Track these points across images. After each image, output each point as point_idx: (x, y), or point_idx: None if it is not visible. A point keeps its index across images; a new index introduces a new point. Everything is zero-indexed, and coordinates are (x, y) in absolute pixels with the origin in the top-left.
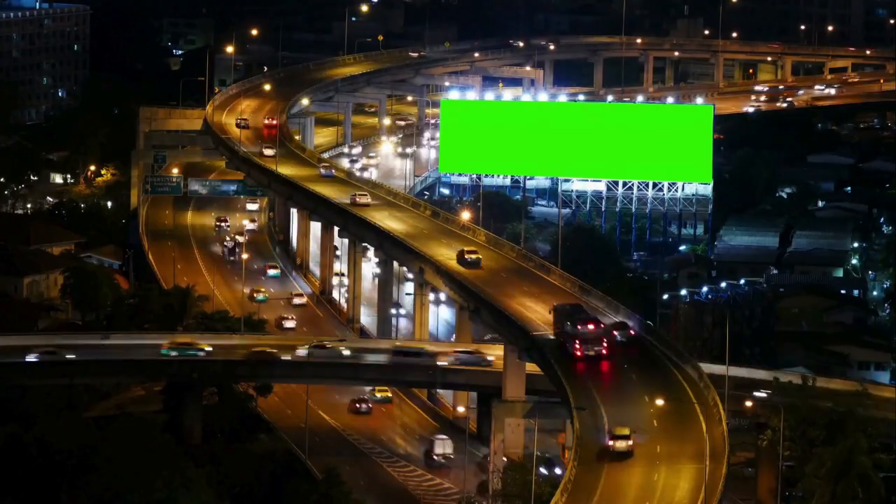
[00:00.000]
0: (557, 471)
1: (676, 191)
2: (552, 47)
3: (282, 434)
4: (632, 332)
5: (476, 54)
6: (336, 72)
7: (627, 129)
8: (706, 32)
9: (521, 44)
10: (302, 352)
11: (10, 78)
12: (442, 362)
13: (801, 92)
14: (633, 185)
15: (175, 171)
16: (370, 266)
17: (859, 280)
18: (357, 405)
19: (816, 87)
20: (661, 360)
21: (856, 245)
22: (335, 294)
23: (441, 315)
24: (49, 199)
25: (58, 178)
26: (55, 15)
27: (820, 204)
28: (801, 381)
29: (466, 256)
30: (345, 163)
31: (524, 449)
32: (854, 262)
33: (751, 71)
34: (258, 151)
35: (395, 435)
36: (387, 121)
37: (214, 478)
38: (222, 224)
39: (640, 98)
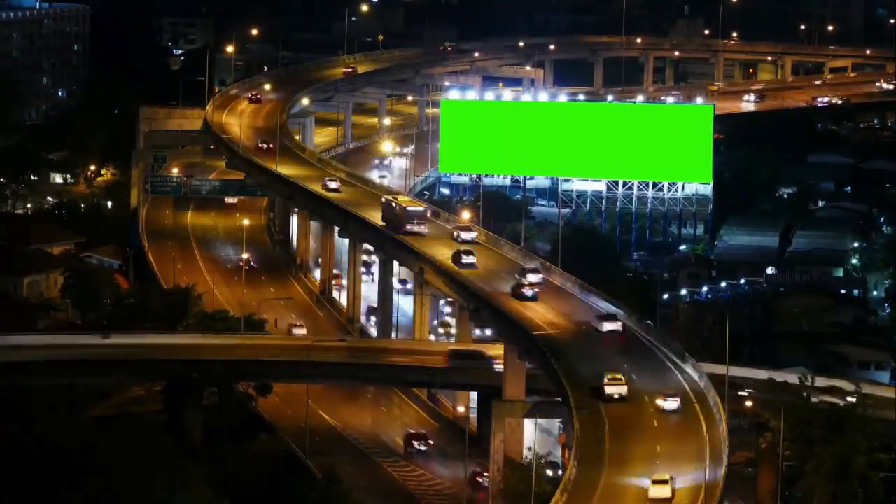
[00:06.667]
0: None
1: (676, 191)
2: (552, 47)
3: (282, 434)
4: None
5: (476, 54)
6: (336, 72)
7: (627, 129)
8: (706, 32)
9: (521, 44)
10: None
11: (11, 78)
12: None
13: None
14: (633, 185)
15: (175, 171)
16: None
17: (859, 280)
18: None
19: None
20: (661, 360)
21: (856, 245)
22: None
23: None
24: (49, 199)
25: (58, 178)
26: (55, 15)
27: (820, 204)
28: (799, 381)
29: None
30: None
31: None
32: (854, 262)
33: (751, 71)
34: (256, 145)
35: (395, 435)
36: (387, 121)
37: (214, 478)
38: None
39: (640, 98)
